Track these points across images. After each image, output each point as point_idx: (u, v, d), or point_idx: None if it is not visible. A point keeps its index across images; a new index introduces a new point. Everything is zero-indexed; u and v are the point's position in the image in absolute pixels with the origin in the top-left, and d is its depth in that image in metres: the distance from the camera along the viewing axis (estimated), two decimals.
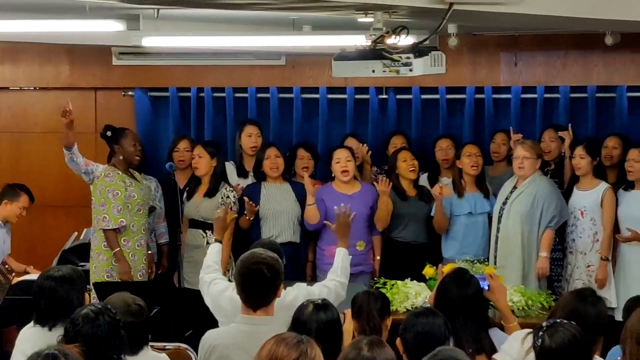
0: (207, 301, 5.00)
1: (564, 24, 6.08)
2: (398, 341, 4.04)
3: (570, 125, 7.36)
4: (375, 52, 4.74)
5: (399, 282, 6.29)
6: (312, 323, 4.10)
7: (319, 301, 4.21)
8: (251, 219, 7.12)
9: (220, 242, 5.45)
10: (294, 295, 4.80)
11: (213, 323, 4.89)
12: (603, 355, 4.53)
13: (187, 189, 7.34)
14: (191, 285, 6.70)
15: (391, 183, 7.08)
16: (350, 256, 5.43)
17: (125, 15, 6.44)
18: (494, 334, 4.78)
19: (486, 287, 5.64)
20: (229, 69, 8.58)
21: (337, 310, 4.21)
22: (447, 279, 4.93)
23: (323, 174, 7.55)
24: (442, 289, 4.86)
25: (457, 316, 4.51)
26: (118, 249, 6.81)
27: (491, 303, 5.57)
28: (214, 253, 5.29)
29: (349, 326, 4.28)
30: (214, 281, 5.01)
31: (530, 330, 4.27)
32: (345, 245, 5.45)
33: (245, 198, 7.12)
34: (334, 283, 5.13)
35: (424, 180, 7.58)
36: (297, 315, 4.17)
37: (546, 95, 8.07)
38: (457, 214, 7.09)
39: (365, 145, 7.64)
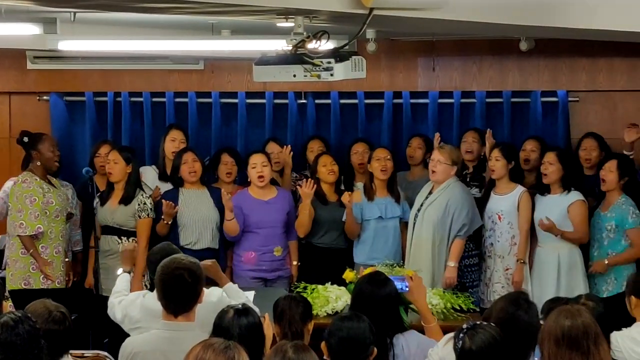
0: (118, 317, 5.05)
1: (480, 29, 6.17)
2: (323, 345, 4.05)
3: (490, 130, 7.43)
4: (296, 57, 4.74)
5: (319, 286, 6.29)
6: (234, 328, 4.09)
7: (240, 306, 4.21)
8: (169, 223, 7.04)
9: (129, 272, 5.51)
10: (217, 296, 4.81)
11: None
12: (522, 357, 4.60)
13: (99, 195, 7.21)
14: (106, 293, 6.61)
15: (315, 186, 7.08)
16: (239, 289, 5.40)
17: (42, 18, 6.34)
18: (412, 336, 4.82)
19: (406, 289, 5.71)
20: (146, 74, 8.51)
21: (257, 314, 4.20)
22: (362, 281, 4.96)
23: (244, 179, 7.53)
24: (357, 291, 4.89)
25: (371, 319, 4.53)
26: (33, 249, 6.73)
27: (411, 305, 5.63)
28: (124, 282, 5.40)
29: (268, 331, 4.26)
30: (123, 299, 5.09)
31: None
32: (227, 283, 5.39)
33: (163, 200, 7.05)
34: None
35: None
36: (219, 322, 4.15)
37: (463, 100, 8.18)
38: (368, 218, 7.10)
39: (288, 146, 7.63)
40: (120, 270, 5.65)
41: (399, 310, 5.01)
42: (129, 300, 5.03)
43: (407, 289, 5.77)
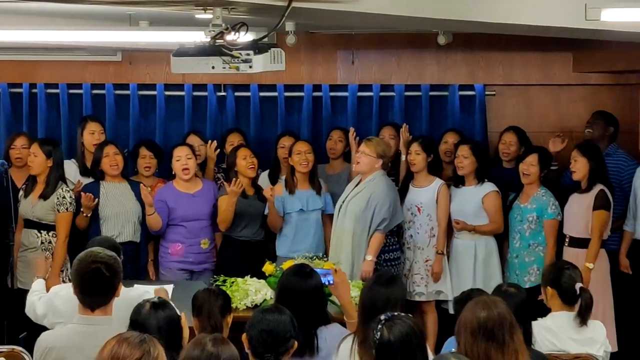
0: (39, 313, 5.02)
1: (399, 23, 6.21)
2: (244, 337, 4.05)
3: (405, 125, 7.49)
4: (215, 49, 4.71)
5: (238, 279, 6.27)
6: (152, 321, 4.05)
7: (156, 299, 4.17)
8: (88, 216, 6.95)
9: (43, 278, 5.50)
10: (139, 292, 4.78)
11: None
12: (439, 346, 4.66)
13: (24, 187, 7.09)
14: (24, 286, 6.52)
15: (242, 185, 7.05)
16: None
17: None
18: (335, 329, 4.84)
19: (331, 282, 5.73)
20: (62, 65, 8.40)
21: (174, 307, 4.17)
22: (287, 273, 4.97)
23: (164, 172, 7.47)
24: (282, 284, 4.90)
25: (296, 311, 4.54)
26: None
27: (331, 298, 5.65)
28: (40, 284, 5.39)
29: (184, 330, 4.22)
30: (43, 296, 5.09)
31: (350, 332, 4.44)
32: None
33: (82, 193, 6.95)
34: None
35: (264, 178, 7.59)
36: (135, 316, 4.11)
37: (382, 94, 8.23)
38: (289, 211, 7.11)
39: (213, 142, 7.59)
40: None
41: (324, 303, 5.04)
42: (53, 293, 4.96)
43: (331, 282, 5.81)
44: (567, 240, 6.84)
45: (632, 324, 6.99)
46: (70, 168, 7.39)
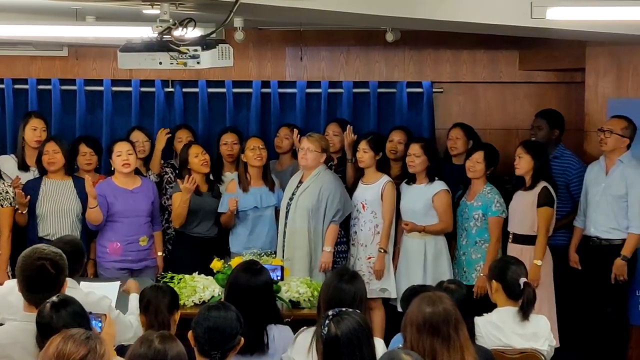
0: None
1: (347, 20, 6.23)
2: (190, 334, 4.03)
3: (349, 126, 7.48)
4: (162, 44, 4.69)
5: (186, 276, 6.25)
6: (57, 322, 3.86)
7: (55, 298, 3.96)
8: (23, 212, 6.87)
9: None
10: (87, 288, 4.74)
11: None
12: (386, 343, 4.68)
13: None
14: None
15: (196, 182, 7.02)
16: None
17: None
18: (285, 331, 4.88)
19: (279, 277, 5.75)
20: (7, 60, 8.31)
21: (79, 303, 4.04)
22: (237, 269, 4.97)
23: (108, 168, 7.40)
24: (232, 280, 4.90)
25: (247, 308, 4.55)
26: None
27: (279, 295, 5.67)
28: None
29: (109, 329, 4.15)
30: None
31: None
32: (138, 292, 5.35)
33: (17, 190, 6.86)
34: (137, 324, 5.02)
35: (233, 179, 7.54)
36: (40, 319, 3.93)
37: (330, 90, 8.25)
38: (244, 208, 7.10)
39: (166, 129, 7.56)
40: None
41: (274, 300, 5.04)
42: (8, 288, 4.78)
43: (279, 278, 5.84)
44: (510, 237, 6.90)
45: (580, 319, 7.07)
46: (9, 163, 7.31)
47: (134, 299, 5.15)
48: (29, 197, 6.86)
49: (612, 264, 6.79)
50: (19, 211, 6.86)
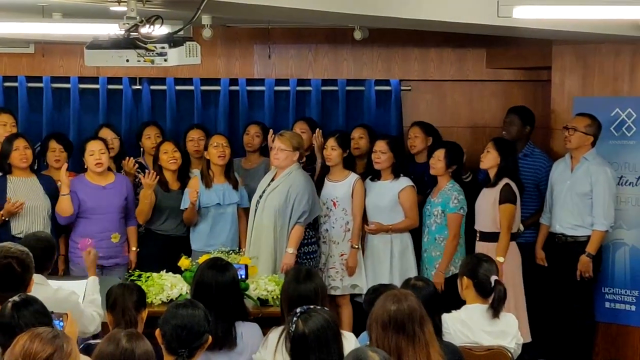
0: None
1: (315, 18, 6.23)
2: (157, 332, 4.02)
3: (318, 130, 7.44)
4: (129, 41, 4.67)
5: (154, 274, 6.23)
6: (19, 321, 3.80)
7: (17, 298, 3.92)
8: (6, 218, 6.83)
9: None
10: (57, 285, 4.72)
11: None
12: None
13: None
14: None
15: (158, 176, 7.01)
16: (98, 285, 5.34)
17: None
18: (253, 328, 4.89)
19: (243, 276, 5.74)
20: None
21: (41, 303, 4.01)
22: (203, 267, 4.96)
23: (76, 165, 7.37)
24: (199, 277, 4.89)
25: (214, 304, 4.55)
26: None
27: (247, 293, 5.66)
28: None
29: (70, 328, 4.13)
30: None
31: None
32: (94, 274, 5.40)
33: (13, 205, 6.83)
34: (97, 314, 5.01)
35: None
36: (0, 319, 3.88)
37: (299, 88, 8.26)
38: (206, 205, 7.09)
39: (131, 159, 7.50)
40: None
41: (241, 296, 5.04)
42: None
43: (242, 277, 5.82)
44: (478, 235, 6.94)
45: (547, 315, 7.12)
46: None
47: (92, 284, 5.14)
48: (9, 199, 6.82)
49: (577, 261, 6.85)
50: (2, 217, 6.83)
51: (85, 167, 7.04)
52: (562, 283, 6.98)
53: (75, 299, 4.75)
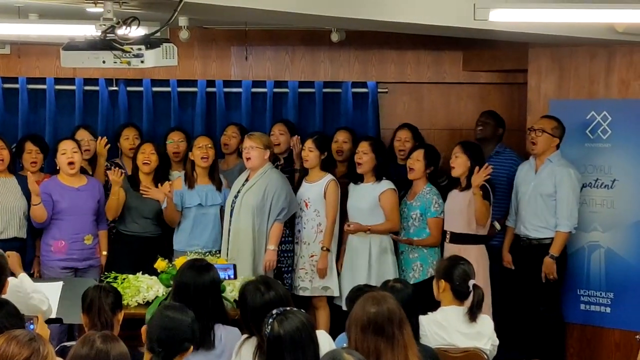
0: None
1: (292, 20, 6.24)
2: (143, 329, 4.01)
3: (297, 137, 7.45)
4: (106, 43, 4.66)
5: (130, 276, 6.21)
6: None
7: None
8: None
9: None
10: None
11: None
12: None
13: None
14: None
15: (124, 173, 6.99)
16: None
17: None
18: (233, 332, 4.87)
19: (231, 277, 5.73)
20: None
21: (13, 304, 4.00)
22: (183, 267, 4.95)
23: (52, 167, 7.34)
24: (179, 278, 4.88)
25: (192, 304, 4.53)
26: None
27: (224, 294, 5.64)
28: None
29: (42, 331, 4.11)
30: None
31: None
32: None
33: None
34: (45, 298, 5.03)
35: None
36: None
37: (276, 90, 8.26)
38: (188, 205, 7.09)
39: (103, 138, 7.51)
40: None
41: (220, 298, 5.02)
42: None
43: (232, 277, 5.82)
44: (448, 236, 6.95)
45: (517, 319, 7.14)
46: None
47: (26, 279, 5.13)
48: None
49: (542, 263, 6.88)
50: None
51: (58, 167, 7.01)
52: (529, 285, 6.99)
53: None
